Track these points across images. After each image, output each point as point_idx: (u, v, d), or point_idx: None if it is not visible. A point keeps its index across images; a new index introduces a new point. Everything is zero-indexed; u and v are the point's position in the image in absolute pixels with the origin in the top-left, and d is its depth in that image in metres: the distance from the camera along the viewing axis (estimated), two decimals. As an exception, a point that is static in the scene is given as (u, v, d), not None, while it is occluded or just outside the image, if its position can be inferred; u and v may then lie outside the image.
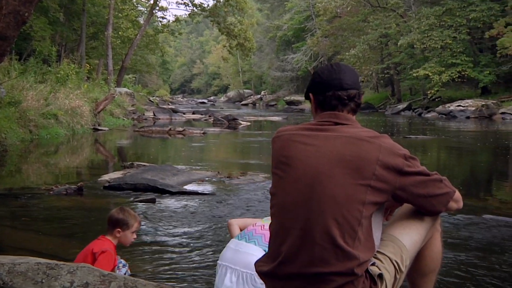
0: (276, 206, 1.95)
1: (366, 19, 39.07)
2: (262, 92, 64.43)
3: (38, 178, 8.02)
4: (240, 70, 74.41)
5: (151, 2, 32.94)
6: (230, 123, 21.36)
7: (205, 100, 67.03)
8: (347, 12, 40.78)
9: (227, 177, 7.76)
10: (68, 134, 14.30)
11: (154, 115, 25.31)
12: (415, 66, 34.42)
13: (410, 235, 1.99)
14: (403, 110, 34.08)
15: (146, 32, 33.18)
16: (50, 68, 17.86)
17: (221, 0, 31.53)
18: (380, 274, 1.83)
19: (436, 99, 32.95)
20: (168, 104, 41.12)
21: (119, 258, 3.15)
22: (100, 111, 17.66)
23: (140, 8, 38.04)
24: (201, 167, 8.93)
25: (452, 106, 28.65)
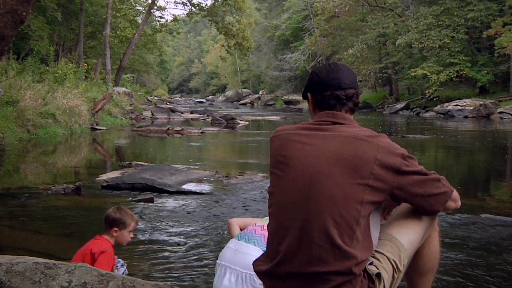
0: (274, 206, 1.95)
1: (364, 18, 39.11)
2: (260, 92, 64.45)
3: (36, 177, 8.01)
4: (238, 69, 74.46)
5: (149, 1, 32.94)
6: (228, 123, 21.35)
7: (203, 100, 67.05)
8: (345, 12, 40.82)
9: (225, 176, 7.76)
10: (66, 133, 14.28)
11: (152, 114, 25.28)
12: (413, 66, 34.49)
13: (408, 235, 1.99)
14: (401, 109, 34.14)
15: (144, 31, 33.16)
16: (48, 67, 17.83)
17: (219, 0, 31.53)
18: (378, 274, 1.83)
19: (434, 99, 32.99)
20: (166, 104, 41.06)
21: (116, 258, 3.15)
22: (98, 110, 17.64)
23: (138, 7, 38.04)
24: (199, 167, 8.92)
25: (450, 106, 28.69)
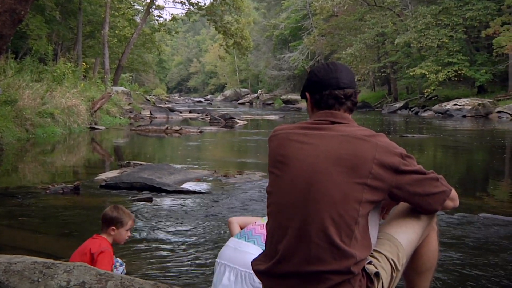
0: (273, 205, 1.95)
1: (363, 18, 39.11)
2: (259, 91, 64.47)
3: (34, 177, 8.00)
4: (237, 69, 74.46)
5: (148, 1, 32.93)
6: (226, 122, 21.36)
7: (202, 99, 66.98)
8: (344, 11, 40.82)
9: (224, 176, 7.76)
10: (65, 133, 14.27)
11: (151, 114, 25.26)
12: (411, 65, 34.50)
13: (406, 234, 1.99)
14: (400, 109, 34.15)
15: (142, 31, 33.15)
16: (46, 67, 17.82)
17: (217, -1, 31.57)
18: (377, 273, 1.84)
19: (433, 98, 33.03)
20: (165, 103, 41.08)
21: (115, 257, 3.15)
22: (97, 110, 17.63)
23: (136, 6, 38.07)
24: (197, 166, 8.92)
25: (448, 105, 28.71)
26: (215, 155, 11.90)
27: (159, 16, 39.00)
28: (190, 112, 29.29)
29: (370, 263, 1.86)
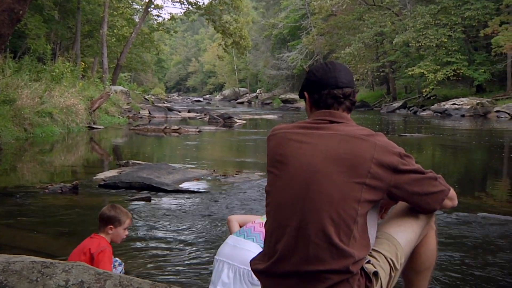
0: (272, 204, 1.95)
1: (362, 17, 39.12)
2: (258, 91, 64.44)
3: (33, 176, 8.00)
4: (235, 68, 74.41)
5: (146, 0, 32.88)
6: (225, 121, 21.35)
7: (200, 98, 66.91)
8: (343, 11, 40.84)
9: (223, 175, 7.76)
10: (63, 132, 14.26)
11: (150, 113, 25.26)
12: (410, 65, 34.53)
13: (405, 233, 1.99)
14: (399, 108, 34.16)
15: (141, 30, 33.13)
16: (45, 66, 17.80)
17: (216, -2, 31.55)
18: (376, 272, 1.84)
19: (431, 97, 33.05)
20: (164, 103, 41.08)
21: (114, 257, 3.15)
22: (95, 109, 17.62)
23: (135, 6, 38.04)
24: (196, 166, 8.92)
25: (447, 104, 28.73)
26: (214, 154, 11.90)
27: (158, 16, 39.10)
28: (189, 111, 29.28)
29: (368, 262, 1.86)
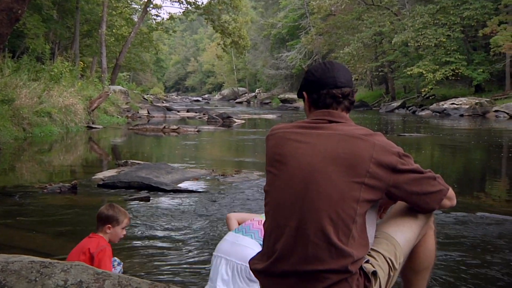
0: (270, 204, 1.95)
1: (360, 17, 39.09)
2: (257, 90, 64.42)
3: (32, 176, 7.99)
4: (234, 68, 74.41)
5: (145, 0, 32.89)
6: (224, 121, 21.35)
7: (199, 98, 66.88)
8: (341, 10, 40.82)
9: (222, 175, 7.76)
10: (62, 132, 14.25)
11: (148, 113, 25.24)
12: (409, 64, 34.53)
13: (403, 233, 2.00)
14: (397, 108, 34.17)
15: (140, 29, 33.10)
16: (43, 66, 17.80)
17: (215, -2, 31.54)
18: (374, 272, 1.84)
19: (430, 97, 33.04)
20: (162, 102, 41.04)
21: (113, 256, 3.15)
22: (94, 109, 17.62)
23: (134, 5, 37.99)
24: (195, 165, 8.92)
25: (446, 104, 28.74)
26: (213, 154, 11.90)
27: (157, 15, 39.16)
28: (188, 111, 29.28)
29: (367, 262, 1.86)
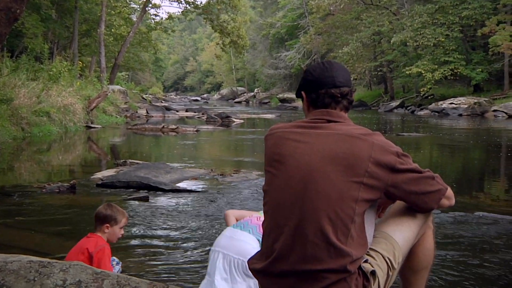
0: (269, 204, 1.95)
1: (359, 16, 39.09)
2: (256, 90, 64.43)
3: (30, 176, 7.99)
4: (233, 67, 74.39)
5: (144, -1, 32.85)
6: (223, 121, 21.35)
7: (198, 98, 66.86)
8: (340, 10, 40.82)
9: (220, 174, 7.76)
10: (61, 131, 14.24)
11: (147, 112, 25.24)
12: (408, 64, 34.53)
13: (402, 232, 2.00)
14: (396, 107, 34.19)
15: (139, 29, 33.09)
16: (42, 65, 17.77)
17: (214, -2, 31.53)
18: (373, 271, 1.84)
19: (429, 97, 33.05)
20: (161, 102, 41.03)
21: (111, 256, 3.14)
22: (93, 108, 17.61)
23: (133, 5, 37.95)
24: (194, 165, 8.92)
25: (444, 104, 28.76)
26: (212, 154, 11.89)
27: (156, 15, 39.09)
28: (187, 110, 29.27)
29: (366, 261, 1.86)
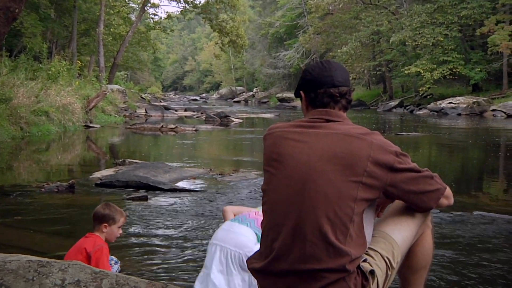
0: (268, 203, 1.95)
1: (358, 16, 39.12)
2: (254, 89, 64.46)
3: (29, 175, 7.98)
4: (232, 67, 74.42)
5: (143, -1, 32.82)
6: (222, 120, 21.35)
7: (197, 97, 66.82)
8: (339, 9, 40.86)
9: (219, 174, 7.76)
10: (60, 131, 14.23)
11: (146, 112, 25.22)
12: (407, 63, 34.54)
13: (401, 232, 2.00)
14: (395, 107, 34.21)
15: (137, 29, 33.06)
16: (41, 65, 17.77)
17: (213, -3, 31.50)
18: (372, 271, 1.84)
19: (428, 96, 33.08)
20: (160, 101, 41.03)
21: (110, 255, 3.15)
22: (92, 108, 17.59)
23: (131, 4, 37.91)
24: (193, 164, 8.92)
25: (443, 103, 28.78)
26: (211, 153, 11.89)
27: (154, 14, 38.95)
28: (186, 110, 29.25)
29: (365, 261, 1.87)
